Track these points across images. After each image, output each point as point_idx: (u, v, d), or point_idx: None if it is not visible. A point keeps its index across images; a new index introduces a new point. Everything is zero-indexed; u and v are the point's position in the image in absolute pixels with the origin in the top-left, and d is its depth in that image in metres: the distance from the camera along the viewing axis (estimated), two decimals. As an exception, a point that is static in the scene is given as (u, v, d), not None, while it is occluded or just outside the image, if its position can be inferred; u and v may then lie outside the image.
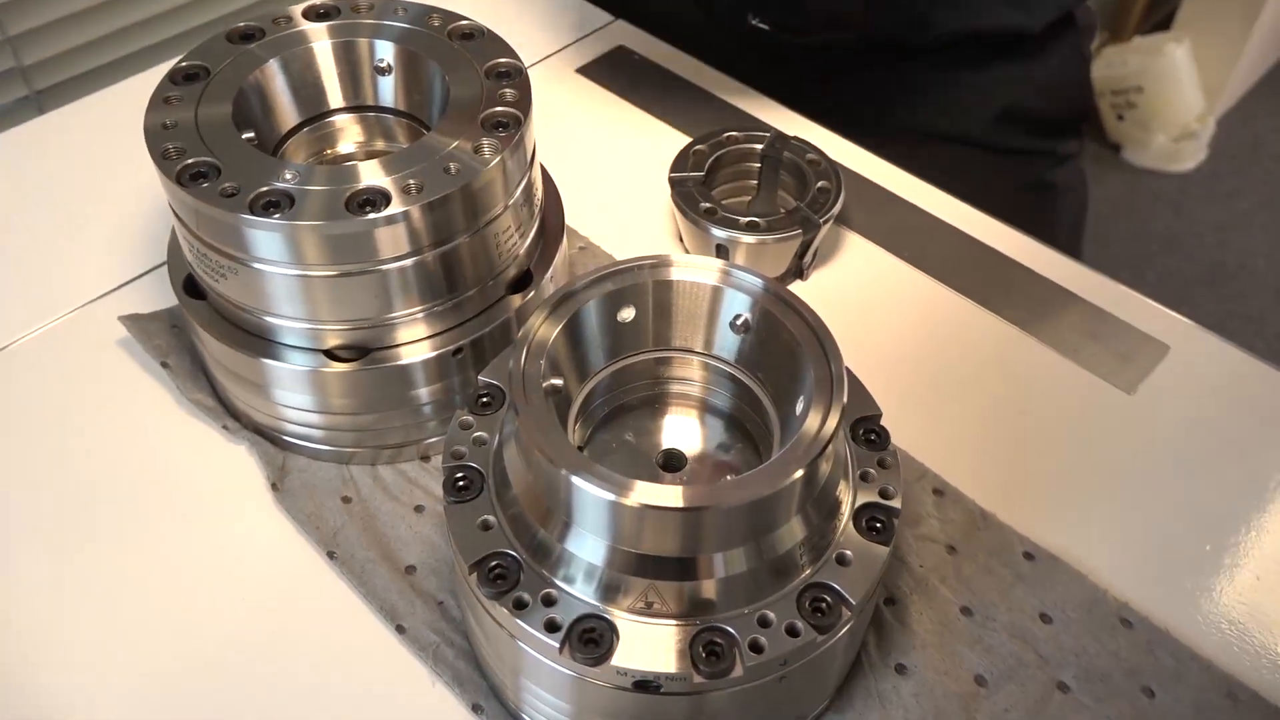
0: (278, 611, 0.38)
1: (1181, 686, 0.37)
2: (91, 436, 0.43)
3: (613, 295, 0.33)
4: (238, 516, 0.41)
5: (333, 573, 0.39)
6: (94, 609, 0.38)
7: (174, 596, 0.38)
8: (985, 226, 0.53)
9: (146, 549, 0.39)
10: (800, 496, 0.30)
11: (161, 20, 0.73)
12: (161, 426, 0.43)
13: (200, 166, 0.36)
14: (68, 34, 0.69)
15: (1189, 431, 0.44)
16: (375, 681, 0.36)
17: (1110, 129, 2.12)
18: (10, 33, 0.66)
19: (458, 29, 0.42)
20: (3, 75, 0.68)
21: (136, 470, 0.42)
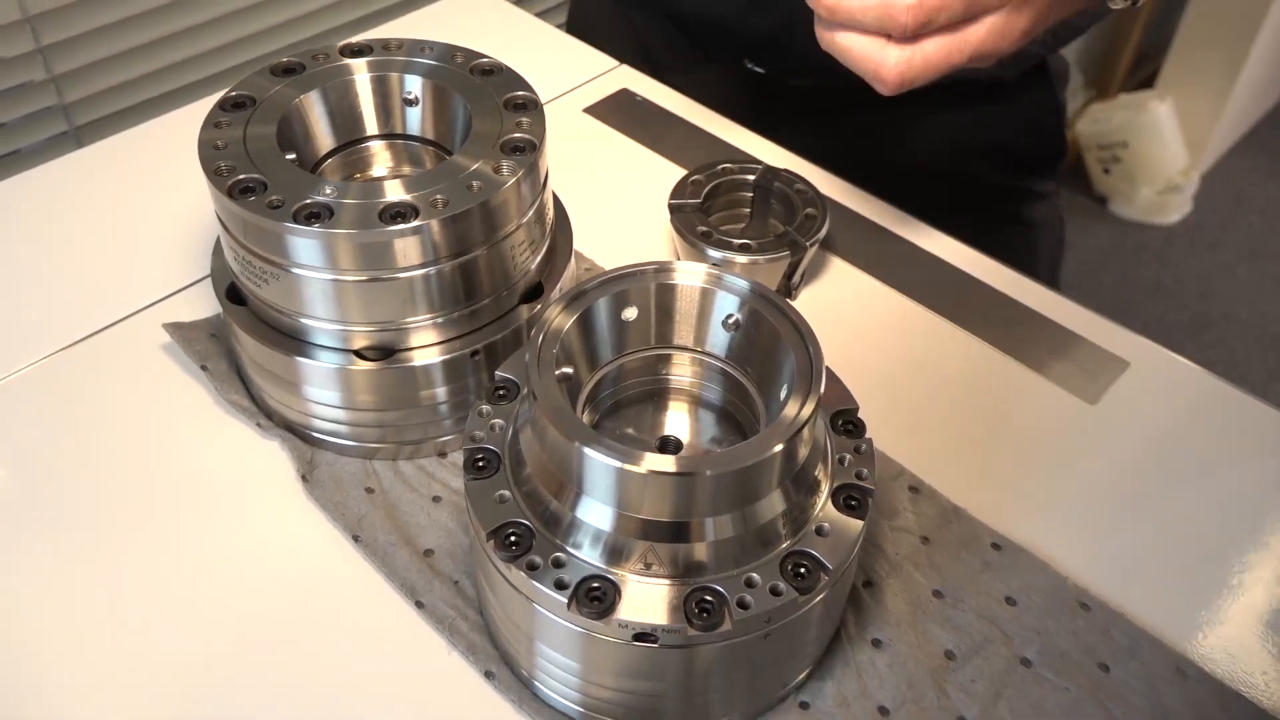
0: (307, 590, 0.41)
1: (1134, 663, 0.40)
2: (137, 432, 0.46)
3: (619, 295, 0.37)
4: (270, 506, 0.44)
5: (357, 555, 0.43)
6: (141, 587, 0.41)
7: (213, 576, 0.42)
8: (961, 254, 0.57)
9: (187, 534, 0.43)
10: (780, 471, 0.34)
11: (195, 62, 0.78)
12: (200, 424, 0.47)
13: (248, 182, 0.40)
14: (107, 74, 0.74)
15: (1146, 437, 0.48)
16: (396, 651, 0.40)
17: (1097, 182, 2.19)
18: (55, 72, 0.71)
19: (479, 65, 0.47)
20: (46, 111, 0.73)
21: (178, 463, 0.45)
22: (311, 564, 0.42)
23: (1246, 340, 1.91)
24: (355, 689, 0.39)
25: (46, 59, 0.71)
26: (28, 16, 0.68)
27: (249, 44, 0.81)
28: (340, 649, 0.40)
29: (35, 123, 0.74)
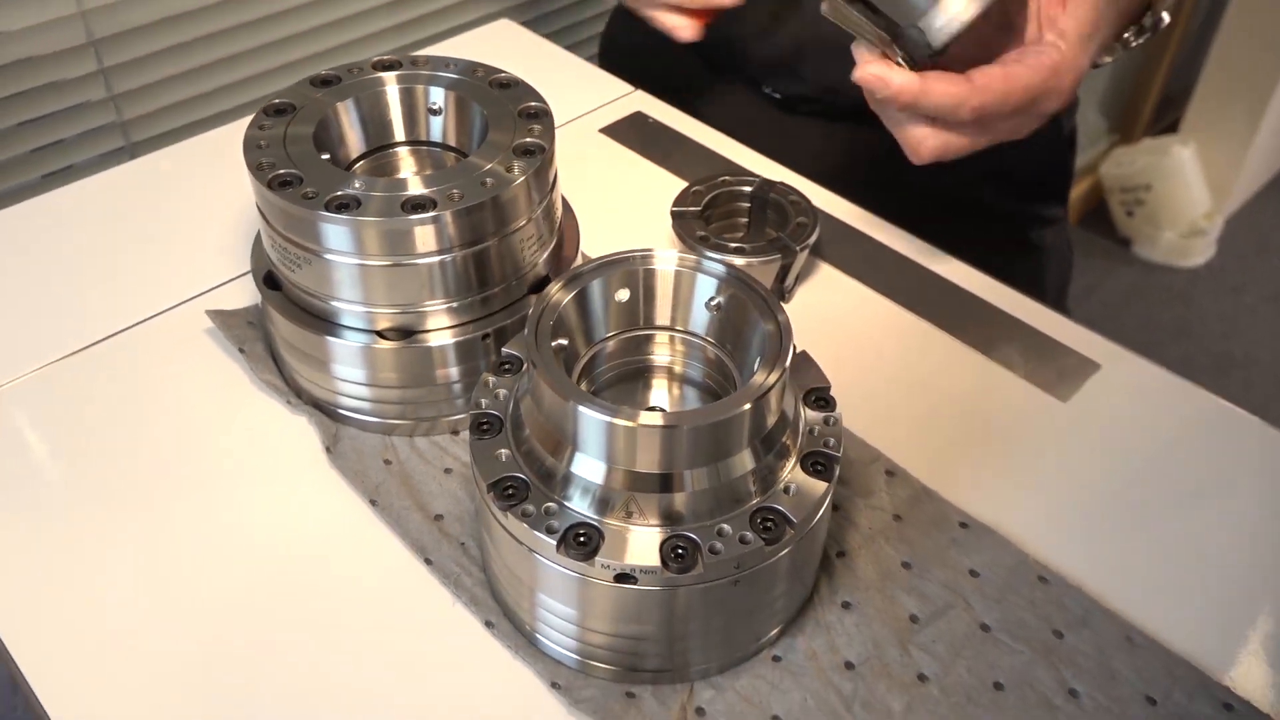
0: (329, 547, 0.46)
1: (1087, 630, 0.43)
2: (182, 406, 0.51)
3: (613, 278, 0.41)
4: (298, 473, 0.48)
5: (374, 517, 0.47)
6: (185, 541, 0.45)
7: (246, 533, 0.46)
8: (944, 263, 0.61)
9: (223, 499, 0.47)
10: (750, 430, 0.37)
11: (243, 85, 0.84)
12: (237, 400, 0.51)
13: (286, 176, 0.45)
14: (163, 94, 0.80)
15: (1111, 432, 0.51)
16: (406, 603, 0.44)
17: (1120, 224, 2.21)
18: (115, 91, 0.77)
19: (497, 79, 0.51)
20: (104, 128, 0.79)
21: (217, 434, 0.50)
22: (333, 525, 0.46)
23: (1269, 381, 1.91)
24: (368, 635, 0.42)
25: (108, 79, 0.77)
26: (92, 40, 0.74)
27: (294, 69, 0.87)
28: (356, 600, 0.44)
29: (93, 139, 0.80)
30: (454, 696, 0.41)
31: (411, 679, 0.41)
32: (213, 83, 0.82)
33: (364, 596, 0.44)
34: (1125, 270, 2.16)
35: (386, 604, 0.44)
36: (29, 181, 0.77)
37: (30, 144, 0.76)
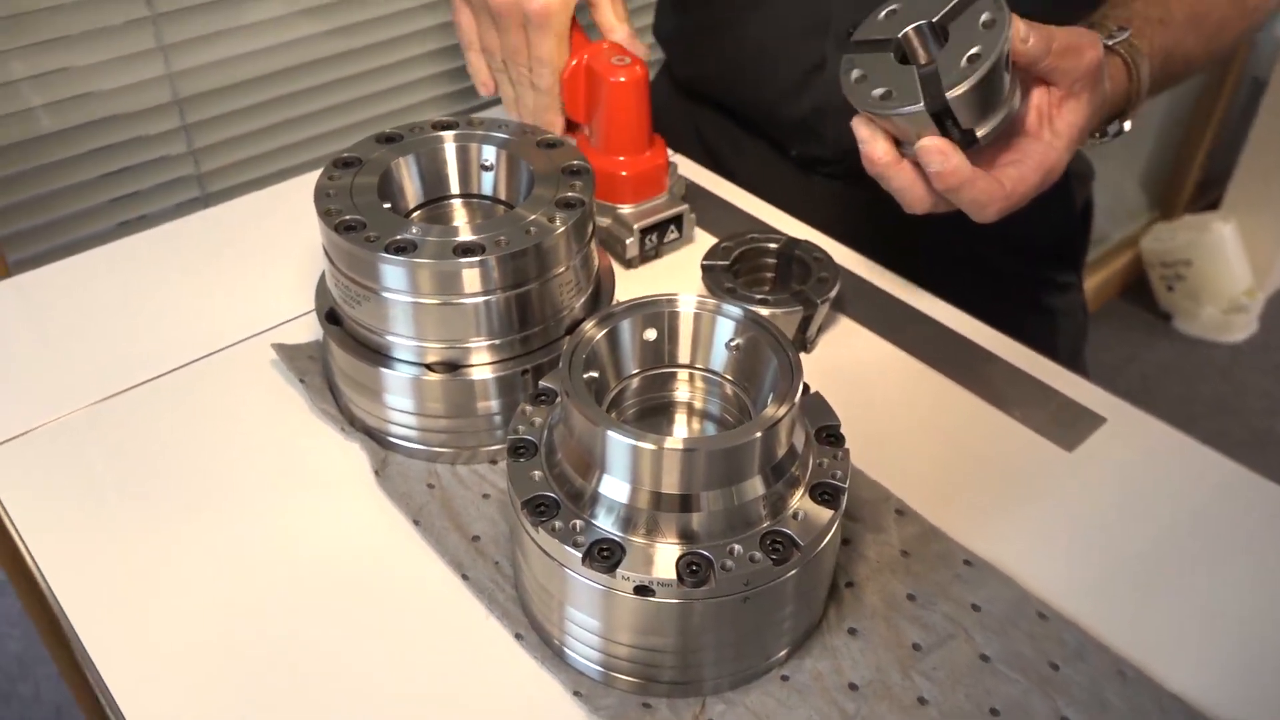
0: (374, 561, 0.49)
1: (1081, 663, 0.46)
2: (247, 430, 0.55)
3: (641, 318, 0.45)
4: (349, 494, 0.53)
5: (416, 536, 0.50)
6: (247, 552, 0.50)
7: (301, 547, 0.50)
8: (957, 318, 0.64)
9: (281, 516, 0.51)
10: (761, 458, 0.41)
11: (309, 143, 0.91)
12: (296, 427, 0.56)
13: (351, 222, 0.50)
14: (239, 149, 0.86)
15: (1112, 481, 0.54)
16: (442, 614, 0.47)
17: (1161, 298, 2.22)
18: (195, 146, 0.84)
19: (544, 140, 0.56)
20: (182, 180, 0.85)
21: (277, 457, 0.54)
22: (379, 541, 0.50)
23: (1311, 460, 1.90)
24: (407, 642, 0.46)
25: (189, 135, 0.83)
26: (177, 99, 0.81)
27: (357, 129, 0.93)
28: (398, 610, 0.47)
29: (171, 189, 0.86)
30: (484, 702, 0.44)
31: (446, 685, 0.45)
32: (281, 140, 0.89)
33: (405, 607, 0.48)
34: (1165, 344, 2.17)
35: (426, 615, 0.47)
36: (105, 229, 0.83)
37: (112, 193, 0.83)
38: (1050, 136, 0.57)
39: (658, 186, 0.66)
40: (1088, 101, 0.57)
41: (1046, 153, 0.56)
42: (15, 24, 0.72)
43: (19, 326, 0.62)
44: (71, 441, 0.55)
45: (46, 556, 0.49)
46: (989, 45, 0.51)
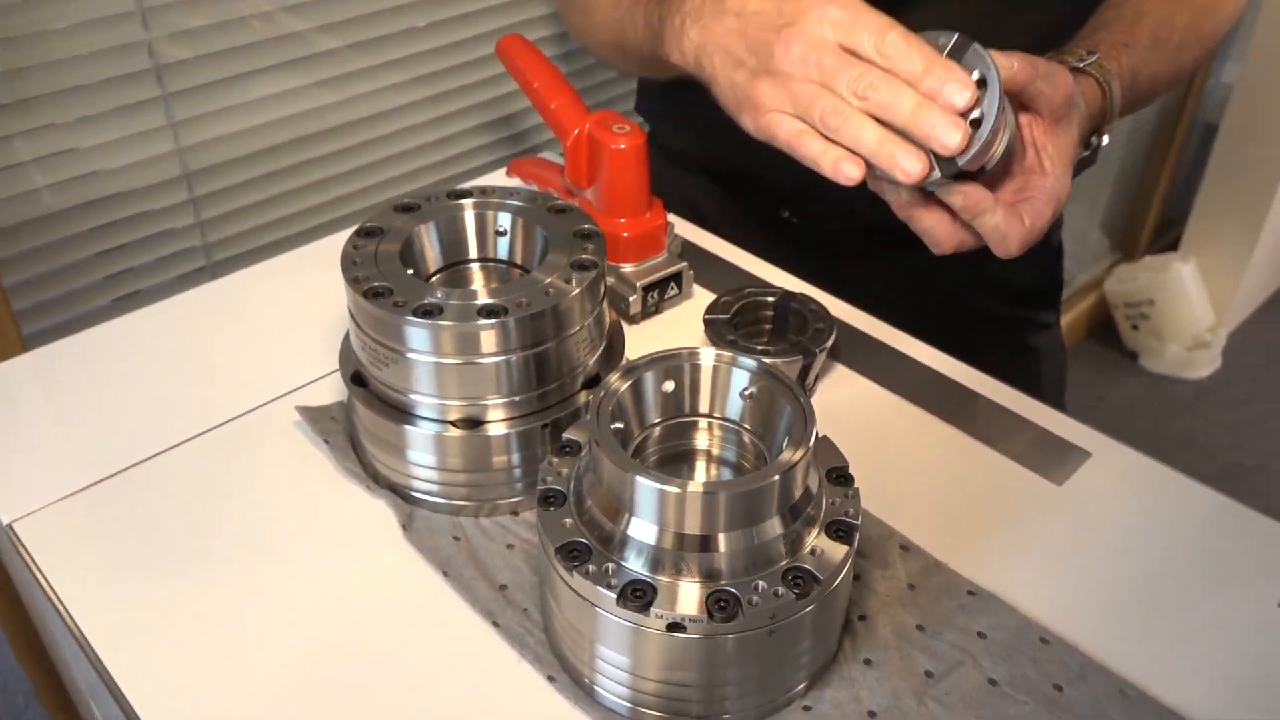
0: (406, 612, 0.51)
1: (1084, 684, 0.49)
2: (274, 489, 0.58)
3: (661, 371, 0.48)
4: (378, 548, 0.55)
5: (446, 587, 0.53)
6: (278, 608, 0.52)
7: (333, 601, 0.52)
8: (947, 364, 0.68)
9: (312, 573, 0.53)
10: (779, 499, 0.44)
11: (317, 210, 0.94)
12: (323, 486, 0.58)
13: (379, 288, 0.53)
14: (246, 219, 0.89)
15: (1101, 511, 0.57)
16: (475, 661, 0.49)
17: (1126, 338, 2.28)
18: (202, 218, 0.86)
19: (555, 206, 0.60)
20: (188, 251, 0.88)
21: (305, 515, 0.56)
22: (409, 593, 0.52)
23: (1279, 490, 1.95)
24: (443, 690, 0.48)
25: (196, 207, 0.86)
26: (186, 173, 0.84)
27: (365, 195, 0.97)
28: (431, 658, 0.49)
29: (176, 260, 0.88)
30: (521, 741, 0.46)
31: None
32: (285, 210, 0.92)
33: (439, 655, 0.50)
34: (1133, 382, 2.23)
35: (459, 662, 0.49)
36: (108, 302, 0.85)
37: (116, 267, 0.85)
38: (1049, 165, 0.60)
39: (657, 246, 0.70)
40: (1073, 124, 0.61)
41: (1051, 184, 0.59)
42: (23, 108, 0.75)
43: (46, 398, 0.64)
44: (104, 507, 0.57)
45: (85, 618, 0.51)
46: (988, 106, 0.55)
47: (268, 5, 0.84)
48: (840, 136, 0.56)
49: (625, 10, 0.75)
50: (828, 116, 0.56)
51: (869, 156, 0.55)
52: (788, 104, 0.58)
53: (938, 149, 0.54)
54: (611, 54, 0.82)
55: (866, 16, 0.56)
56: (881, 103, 0.55)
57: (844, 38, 0.56)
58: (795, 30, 0.57)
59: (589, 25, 0.82)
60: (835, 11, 0.56)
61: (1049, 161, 0.60)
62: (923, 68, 0.54)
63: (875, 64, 0.55)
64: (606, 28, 0.78)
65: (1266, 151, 2.13)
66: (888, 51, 0.55)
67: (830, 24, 0.56)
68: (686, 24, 0.64)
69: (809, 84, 0.57)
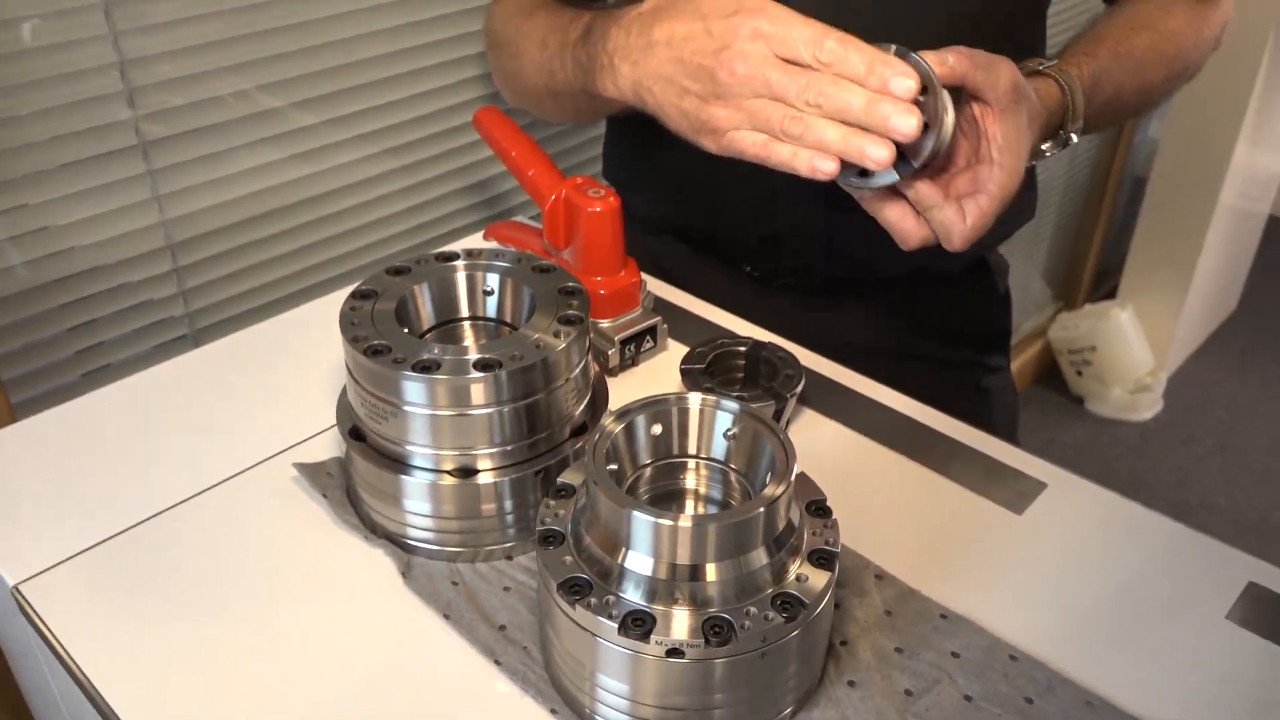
0: (410, 653, 0.54)
1: (1052, 697, 0.52)
2: (276, 543, 0.60)
3: (650, 414, 0.52)
4: (379, 595, 0.57)
5: (446, 629, 0.55)
6: (284, 657, 0.53)
7: (338, 649, 0.54)
8: (909, 405, 0.72)
9: (318, 620, 0.55)
10: (764, 531, 0.47)
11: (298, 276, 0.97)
12: (322, 537, 0.60)
13: (378, 346, 0.56)
14: (229, 287, 0.92)
15: (1059, 536, 0.61)
16: (480, 697, 0.52)
17: (1072, 383, 2.36)
18: (186, 287, 0.89)
19: (538, 265, 0.63)
20: (170, 320, 0.90)
21: (307, 567, 0.58)
22: (412, 636, 0.55)
23: (1225, 526, 2.02)
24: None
25: (180, 277, 0.88)
26: (170, 244, 0.87)
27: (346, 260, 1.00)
28: (438, 696, 0.52)
29: (159, 329, 0.90)
30: (528, 771, 0.48)
31: (491, 758, 0.49)
32: (267, 277, 0.94)
33: (444, 693, 0.52)
34: (1080, 425, 2.30)
35: (464, 698, 0.52)
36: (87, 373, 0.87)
37: (101, 336, 0.87)
38: (998, 155, 0.63)
39: (632, 302, 0.74)
40: (1020, 113, 0.63)
41: (1000, 176, 0.62)
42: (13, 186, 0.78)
43: (43, 463, 0.66)
44: (109, 566, 0.58)
45: (98, 673, 0.52)
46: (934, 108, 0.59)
47: (244, 84, 0.87)
48: (805, 142, 0.59)
49: (553, 53, 0.78)
50: (788, 126, 0.59)
51: (837, 154, 0.59)
52: (745, 122, 0.61)
53: (897, 137, 0.57)
54: (542, 98, 0.84)
55: (797, 28, 0.59)
56: (834, 107, 0.58)
57: (780, 50, 0.59)
58: (732, 52, 0.60)
59: (518, 70, 0.84)
60: (765, 25, 0.59)
61: (998, 151, 0.62)
62: (865, 67, 0.57)
63: (818, 70, 0.58)
64: (536, 72, 0.81)
65: (1192, 202, 2.24)
66: (827, 59, 0.58)
67: (763, 39, 0.59)
68: (616, 60, 0.67)
69: (761, 100, 0.60)
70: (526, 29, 0.81)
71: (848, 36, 0.59)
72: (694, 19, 0.62)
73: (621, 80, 0.67)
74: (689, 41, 0.62)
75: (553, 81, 0.78)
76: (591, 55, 0.70)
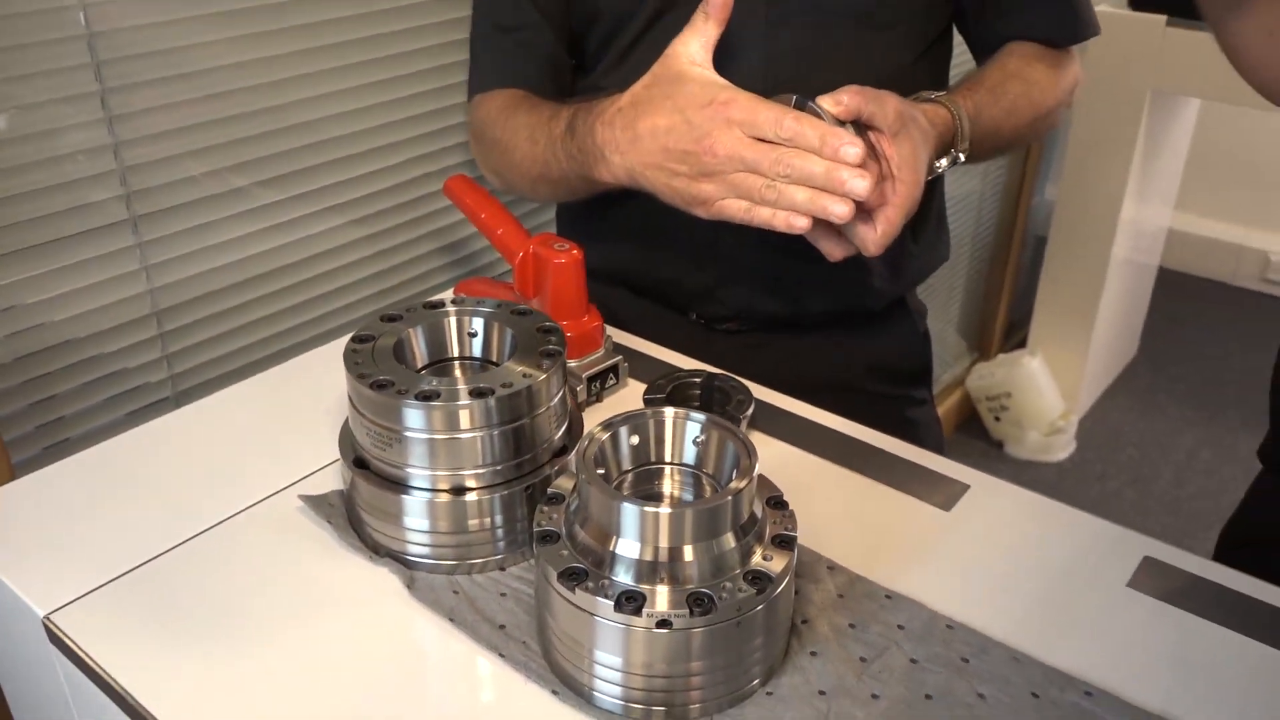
0: (420, 655, 0.60)
1: (985, 656, 0.60)
2: (286, 568, 0.66)
3: (631, 426, 0.60)
4: (387, 605, 0.63)
5: (452, 632, 0.61)
6: (303, 667, 0.59)
7: (354, 655, 0.60)
8: (847, 426, 0.81)
9: (333, 632, 0.61)
10: (732, 517, 0.55)
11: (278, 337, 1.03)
12: (329, 560, 0.66)
13: (381, 381, 0.63)
14: (212, 349, 0.97)
15: (982, 526, 0.70)
16: (487, 686, 0.58)
17: (991, 429, 2.49)
18: (169, 350, 0.95)
19: (515, 310, 0.71)
20: (157, 384, 0.96)
21: (318, 587, 0.64)
22: (421, 640, 0.61)
23: (1140, 554, 2.15)
24: (457, 712, 0.56)
25: (164, 341, 0.94)
26: (156, 310, 0.93)
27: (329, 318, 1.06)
28: (449, 688, 0.58)
29: (143, 392, 0.96)
30: (536, 743, 0.55)
31: (503, 733, 0.55)
32: (249, 339, 1.01)
33: (455, 685, 0.58)
34: (1002, 468, 2.42)
35: (473, 688, 0.58)
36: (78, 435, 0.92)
37: (90, 400, 0.92)
38: (898, 171, 0.75)
39: (596, 344, 0.82)
40: (911, 135, 0.76)
41: (901, 189, 0.74)
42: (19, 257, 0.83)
43: (57, 510, 0.71)
44: (134, 594, 0.64)
45: (138, 688, 0.57)
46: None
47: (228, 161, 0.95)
48: (780, 205, 0.73)
49: (542, 149, 0.88)
50: (764, 194, 0.73)
51: (806, 213, 0.72)
52: (729, 193, 0.74)
53: (854, 197, 0.71)
54: (536, 185, 0.94)
55: (760, 112, 0.72)
56: (800, 175, 0.71)
57: (750, 131, 0.73)
58: (713, 139, 0.73)
59: (510, 164, 0.95)
60: (735, 113, 0.72)
61: (896, 168, 0.75)
62: (819, 140, 0.70)
63: (782, 144, 0.71)
64: (530, 164, 0.91)
65: (1089, 257, 2.42)
66: (786, 136, 0.71)
67: (737, 124, 0.72)
68: (607, 153, 0.78)
69: (740, 173, 0.73)
70: (513, 126, 0.92)
71: (802, 115, 0.72)
72: (673, 113, 0.75)
73: (615, 169, 0.79)
74: (672, 132, 0.75)
75: (548, 171, 0.89)
76: (582, 148, 0.81)
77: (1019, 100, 0.92)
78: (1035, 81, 0.94)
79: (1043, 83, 0.94)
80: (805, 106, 0.73)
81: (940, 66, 0.98)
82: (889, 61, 0.91)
